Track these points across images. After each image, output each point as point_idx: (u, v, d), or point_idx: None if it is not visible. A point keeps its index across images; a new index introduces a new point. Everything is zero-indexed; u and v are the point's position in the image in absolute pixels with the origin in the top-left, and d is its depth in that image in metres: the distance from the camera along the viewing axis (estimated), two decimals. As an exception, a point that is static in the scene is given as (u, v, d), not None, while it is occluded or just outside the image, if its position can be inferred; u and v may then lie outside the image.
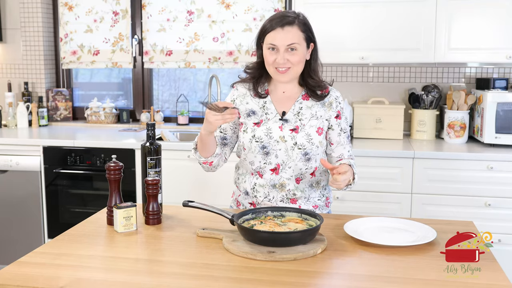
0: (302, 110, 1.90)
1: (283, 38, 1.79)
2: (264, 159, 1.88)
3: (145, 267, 1.45)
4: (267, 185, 1.90)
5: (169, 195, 2.63)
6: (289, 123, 1.89)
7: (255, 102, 1.93)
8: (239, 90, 1.97)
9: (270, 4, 3.68)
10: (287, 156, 1.86)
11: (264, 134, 1.88)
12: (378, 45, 3.21)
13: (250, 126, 1.91)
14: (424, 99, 3.38)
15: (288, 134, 1.87)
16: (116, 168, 1.74)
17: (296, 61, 1.82)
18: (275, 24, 1.80)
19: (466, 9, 3.10)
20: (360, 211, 2.93)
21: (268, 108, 1.91)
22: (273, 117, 1.90)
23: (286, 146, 1.86)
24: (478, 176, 2.91)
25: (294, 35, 1.80)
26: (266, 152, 1.87)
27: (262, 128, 1.89)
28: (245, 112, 1.93)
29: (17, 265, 1.43)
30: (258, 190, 1.91)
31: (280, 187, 1.89)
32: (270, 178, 1.89)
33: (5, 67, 4.09)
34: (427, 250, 1.52)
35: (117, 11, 3.92)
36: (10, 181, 3.41)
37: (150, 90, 4.04)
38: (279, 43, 1.80)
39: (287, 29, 1.80)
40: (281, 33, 1.79)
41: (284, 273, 1.36)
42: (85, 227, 1.76)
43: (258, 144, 1.87)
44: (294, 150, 1.86)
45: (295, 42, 1.80)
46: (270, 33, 1.81)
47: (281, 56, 1.80)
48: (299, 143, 1.86)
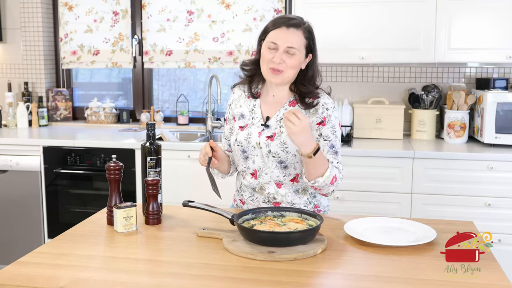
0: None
1: (286, 38, 1.77)
2: (244, 163, 1.90)
3: (145, 267, 1.45)
4: (249, 187, 1.92)
5: (169, 195, 2.63)
6: (269, 129, 1.86)
7: (247, 104, 1.94)
8: (236, 93, 1.99)
9: (270, 4, 3.68)
10: (263, 162, 1.86)
11: (244, 138, 1.88)
12: (378, 45, 3.20)
13: (236, 129, 1.93)
14: (424, 99, 3.38)
15: (264, 141, 1.85)
16: (116, 168, 1.75)
17: (291, 65, 1.78)
18: (281, 22, 1.79)
19: (466, 9, 3.09)
20: (360, 211, 2.93)
21: (255, 112, 1.91)
22: (257, 122, 1.89)
23: (262, 153, 1.86)
24: (478, 176, 2.91)
25: (297, 38, 1.78)
26: (245, 156, 1.89)
27: (244, 132, 1.89)
28: (237, 115, 1.95)
29: (17, 265, 1.44)
30: (244, 190, 1.95)
31: (260, 190, 1.90)
32: (249, 182, 1.91)
33: (5, 67, 4.09)
34: (427, 250, 1.52)
35: (117, 11, 3.92)
36: (10, 181, 3.41)
37: (150, 90, 4.04)
38: (281, 42, 1.77)
39: (291, 30, 1.77)
40: (285, 33, 1.77)
41: (284, 273, 1.36)
42: (85, 227, 1.76)
43: (239, 148, 1.89)
44: (269, 158, 1.85)
45: (296, 46, 1.77)
46: (274, 30, 1.79)
47: (279, 55, 1.77)
48: (273, 151, 1.84)
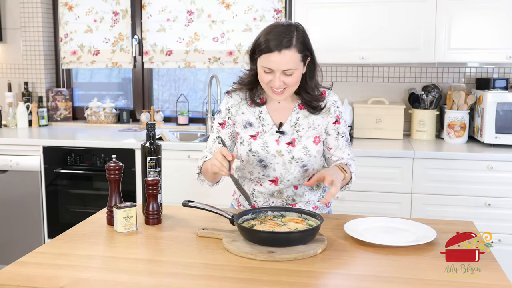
0: (299, 120, 1.83)
1: (279, 63, 1.68)
2: (262, 171, 1.86)
3: (145, 267, 1.45)
4: (266, 193, 1.89)
5: (169, 195, 2.63)
6: (285, 136, 1.83)
7: (251, 111, 1.86)
8: (234, 98, 1.88)
9: (270, 4, 3.68)
10: (285, 169, 1.84)
11: (260, 148, 1.82)
12: (378, 45, 3.20)
13: (247, 139, 1.85)
14: (424, 99, 3.38)
15: (285, 148, 1.82)
16: (116, 168, 1.74)
17: (293, 83, 1.73)
18: (272, 46, 1.67)
19: (466, 9, 3.09)
20: (360, 211, 2.93)
21: (264, 119, 1.85)
22: (270, 129, 1.84)
23: (284, 160, 1.82)
24: (478, 176, 2.91)
25: (290, 59, 1.68)
26: (264, 165, 1.84)
27: (259, 141, 1.83)
28: (242, 123, 1.86)
29: (17, 265, 1.43)
30: (257, 196, 1.91)
31: (278, 194, 1.89)
32: (268, 188, 1.88)
33: (5, 67, 4.09)
34: (427, 250, 1.52)
35: (117, 11, 3.92)
36: (10, 181, 3.41)
37: (150, 90, 4.04)
38: (275, 67, 1.69)
39: (284, 52, 1.67)
40: (277, 57, 1.67)
41: (284, 273, 1.36)
42: (85, 227, 1.76)
43: (255, 158, 1.83)
44: (292, 164, 1.83)
45: (292, 67, 1.69)
46: (266, 54, 1.69)
47: (278, 79, 1.70)
48: (296, 156, 1.82)
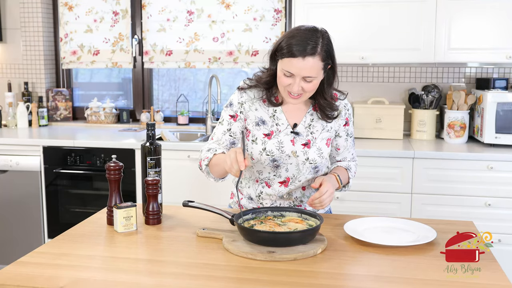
0: (313, 122, 1.84)
1: (302, 69, 1.66)
2: (274, 171, 1.84)
3: (145, 267, 1.45)
4: (275, 195, 1.87)
5: (169, 195, 2.63)
6: (300, 137, 1.83)
7: (264, 109, 1.84)
8: (247, 94, 1.85)
9: (270, 4, 3.68)
10: (297, 170, 1.83)
11: (275, 147, 1.81)
12: (378, 45, 3.20)
13: (261, 138, 1.82)
14: (424, 99, 3.38)
15: (301, 149, 1.81)
16: (116, 168, 1.75)
17: (311, 89, 1.72)
18: (296, 51, 1.65)
19: (466, 9, 3.09)
20: (360, 211, 2.93)
21: (278, 118, 1.83)
22: (284, 129, 1.82)
23: (298, 161, 1.82)
24: (478, 176, 2.91)
25: (313, 66, 1.66)
26: (276, 165, 1.83)
27: (274, 141, 1.81)
28: (254, 119, 1.84)
29: (17, 265, 1.44)
30: (264, 198, 1.89)
31: (287, 196, 1.88)
32: (278, 190, 1.86)
33: (5, 67, 4.09)
34: (427, 250, 1.52)
35: (117, 11, 3.92)
36: (10, 181, 3.41)
37: (150, 90, 4.04)
38: (296, 73, 1.67)
39: (307, 59, 1.65)
40: (300, 63, 1.65)
41: (284, 273, 1.37)
42: (85, 227, 1.76)
43: (268, 157, 1.81)
44: (305, 165, 1.82)
45: (313, 75, 1.68)
46: (289, 59, 1.66)
47: (297, 84, 1.69)
48: (311, 158, 1.81)
